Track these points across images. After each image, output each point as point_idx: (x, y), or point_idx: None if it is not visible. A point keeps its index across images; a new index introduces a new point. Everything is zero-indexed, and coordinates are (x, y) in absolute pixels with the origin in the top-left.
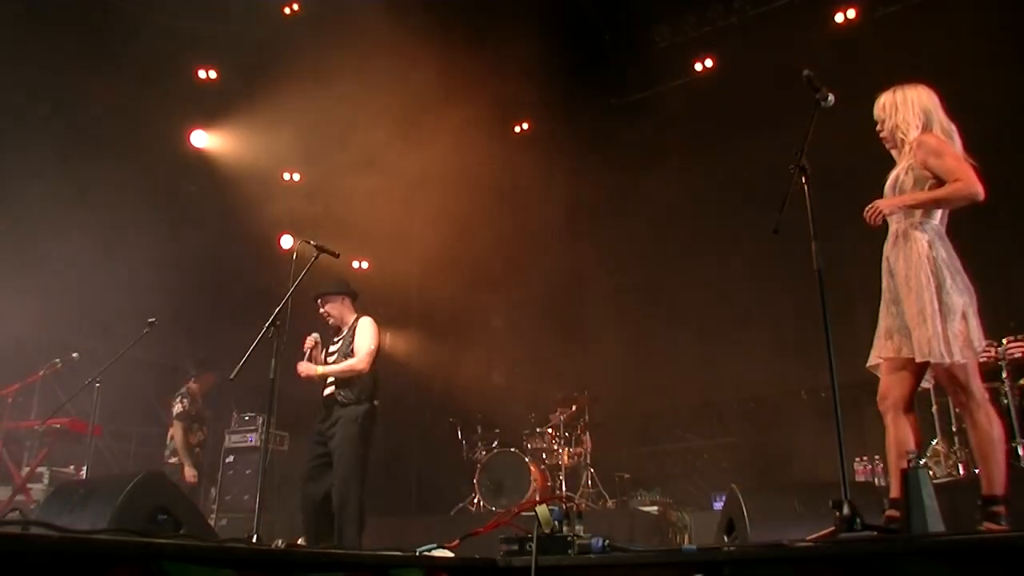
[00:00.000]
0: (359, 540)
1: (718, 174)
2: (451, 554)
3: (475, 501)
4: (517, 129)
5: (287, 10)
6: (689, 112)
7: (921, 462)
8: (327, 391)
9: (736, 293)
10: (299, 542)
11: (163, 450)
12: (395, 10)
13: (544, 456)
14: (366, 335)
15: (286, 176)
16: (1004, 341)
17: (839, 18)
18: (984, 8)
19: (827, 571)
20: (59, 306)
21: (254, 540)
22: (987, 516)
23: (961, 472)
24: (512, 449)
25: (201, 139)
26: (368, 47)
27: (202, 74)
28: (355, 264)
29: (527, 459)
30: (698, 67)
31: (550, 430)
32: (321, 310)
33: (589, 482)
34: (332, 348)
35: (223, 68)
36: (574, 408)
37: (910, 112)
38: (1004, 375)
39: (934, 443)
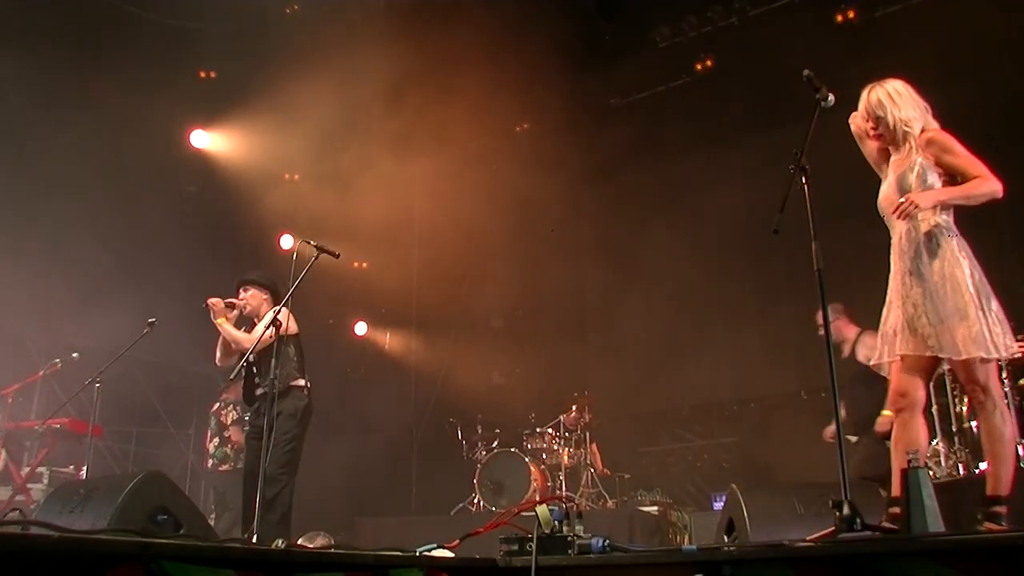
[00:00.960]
0: (286, 530)
1: (718, 174)
2: (451, 554)
3: (475, 501)
4: (517, 129)
5: (287, 10)
6: (689, 112)
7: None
8: (259, 391)
9: (736, 293)
10: (299, 542)
11: (191, 457)
12: (395, 11)
13: (544, 456)
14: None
15: (286, 176)
16: None
17: (839, 18)
18: (984, 8)
19: (827, 571)
20: (60, 306)
21: (254, 540)
22: (988, 516)
23: (961, 472)
24: (512, 449)
25: (201, 139)
26: (368, 47)
27: (202, 74)
28: (355, 264)
29: (527, 459)
30: (698, 67)
31: (550, 430)
32: (240, 297)
33: (589, 482)
34: None
35: (223, 68)
36: (575, 408)
37: (909, 107)
38: (1004, 375)
39: (934, 443)
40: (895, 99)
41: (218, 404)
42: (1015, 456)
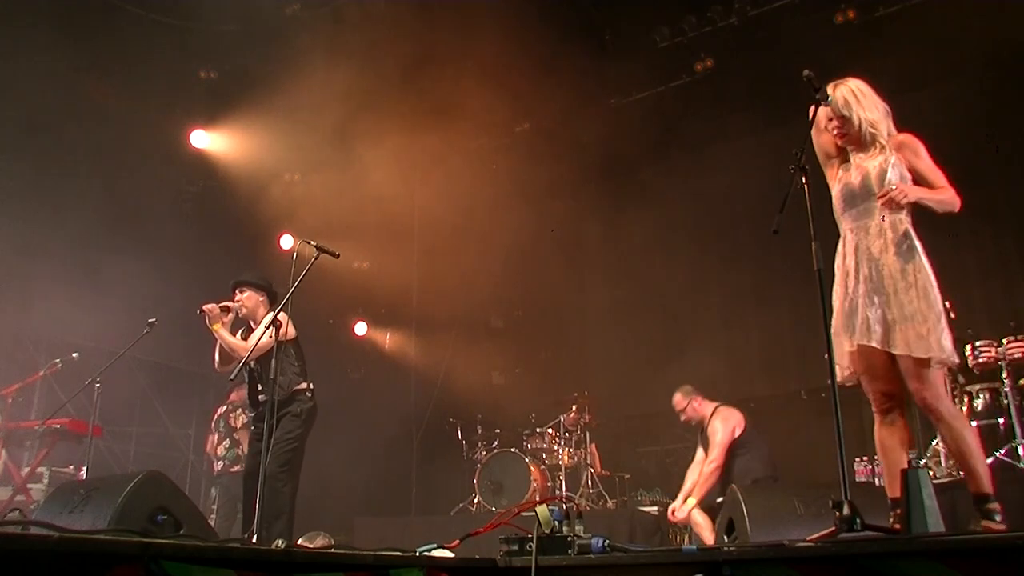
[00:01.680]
0: (290, 533)
1: (718, 174)
2: (451, 554)
3: (475, 501)
4: (517, 129)
5: (287, 10)
6: (689, 112)
7: (921, 462)
8: (262, 397)
9: (736, 293)
10: (299, 542)
11: (191, 457)
12: (395, 11)
13: (544, 456)
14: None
15: (287, 176)
16: (1004, 341)
17: (839, 18)
18: (984, 8)
19: (827, 571)
20: (59, 306)
21: (254, 540)
22: (985, 515)
23: (961, 472)
24: (512, 449)
25: (201, 139)
26: (368, 48)
27: (202, 74)
28: (355, 264)
29: (527, 459)
30: (698, 67)
31: (550, 430)
32: (236, 299)
33: (589, 482)
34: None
35: (223, 68)
36: (574, 408)
37: (873, 107)
38: (1004, 375)
39: (934, 443)
40: (860, 99)
41: (226, 407)
42: (983, 449)
